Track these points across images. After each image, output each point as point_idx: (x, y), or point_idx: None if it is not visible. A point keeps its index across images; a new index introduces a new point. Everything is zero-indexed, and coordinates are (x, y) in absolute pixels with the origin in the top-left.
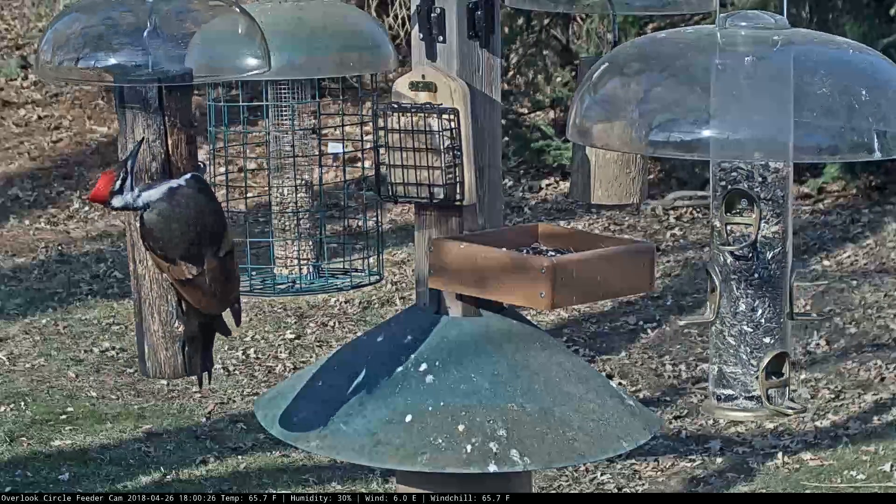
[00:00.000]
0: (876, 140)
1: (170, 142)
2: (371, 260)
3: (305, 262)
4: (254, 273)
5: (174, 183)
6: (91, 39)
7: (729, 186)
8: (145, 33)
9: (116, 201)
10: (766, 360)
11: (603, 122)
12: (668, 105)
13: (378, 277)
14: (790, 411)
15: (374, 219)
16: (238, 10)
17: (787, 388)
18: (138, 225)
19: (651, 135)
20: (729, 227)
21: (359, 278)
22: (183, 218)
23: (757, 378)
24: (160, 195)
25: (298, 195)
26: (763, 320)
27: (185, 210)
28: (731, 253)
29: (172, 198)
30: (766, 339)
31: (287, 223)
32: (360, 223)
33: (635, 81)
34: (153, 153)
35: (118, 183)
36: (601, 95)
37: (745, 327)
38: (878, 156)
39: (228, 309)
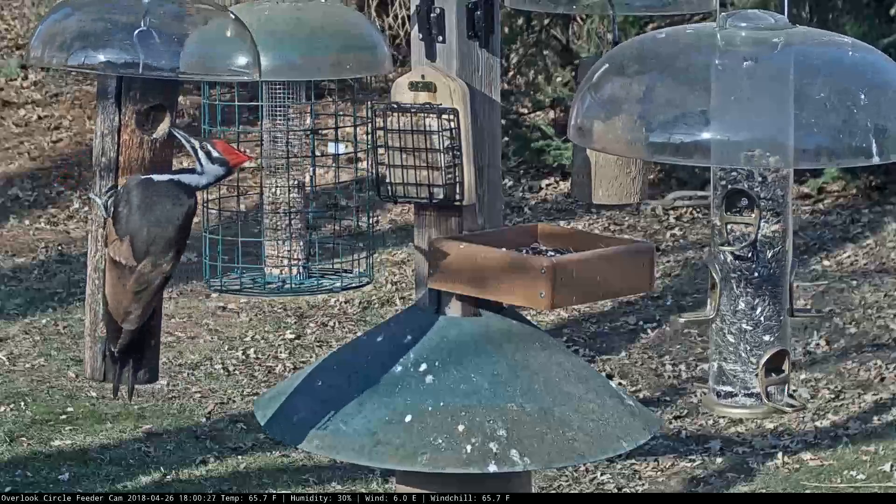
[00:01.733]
0: (874, 144)
1: (123, 140)
2: (362, 261)
3: (296, 262)
4: (244, 272)
5: (197, 183)
6: (82, 36)
7: (729, 186)
8: (136, 32)
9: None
10: (765, 358)
11: (603, 123)
12: (668, 105)
13: (368, 279)
14: (789, 408)
15: (367, 220)
16: (231, 14)
17: (787, 386)
18: (125, 182)
19: (651, 136)
20: (729, 227)
21: (349, 280)
22: (159, 206)
23: (756, 375)
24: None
25: (291, 195)
26: (763, 318)
27: (166, 202)
28: (732, 252)
29: (173, 185)
30: (766, 337)
31: (279, 223)
32: (353, 224)
33: (635, 82)
34: (104, 148)
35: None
36: (601, 96)
37: (745, 325)
38: (876, 160)
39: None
